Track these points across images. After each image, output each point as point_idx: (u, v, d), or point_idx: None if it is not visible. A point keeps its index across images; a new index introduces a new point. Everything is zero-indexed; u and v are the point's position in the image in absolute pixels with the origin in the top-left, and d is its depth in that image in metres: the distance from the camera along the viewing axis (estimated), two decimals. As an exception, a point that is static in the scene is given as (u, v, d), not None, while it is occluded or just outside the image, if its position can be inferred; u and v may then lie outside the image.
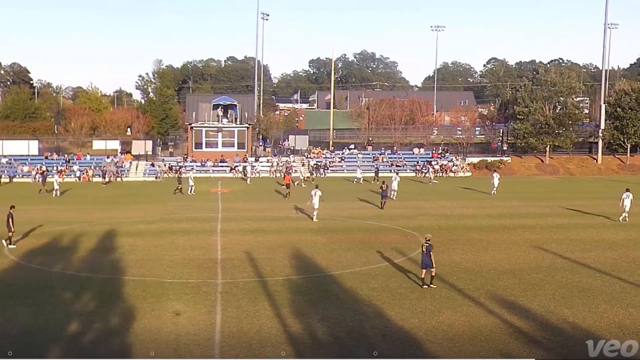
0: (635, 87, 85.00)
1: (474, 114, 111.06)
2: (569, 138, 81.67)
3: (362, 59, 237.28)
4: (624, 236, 33.47)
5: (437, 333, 17.90)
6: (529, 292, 22.11)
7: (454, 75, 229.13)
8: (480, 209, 44.54)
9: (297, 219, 39.41)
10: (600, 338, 17.25)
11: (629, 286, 23.07)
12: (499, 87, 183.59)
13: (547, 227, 36.41)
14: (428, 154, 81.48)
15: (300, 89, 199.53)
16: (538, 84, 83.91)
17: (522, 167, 78.76)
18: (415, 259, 27.15)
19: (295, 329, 18.17)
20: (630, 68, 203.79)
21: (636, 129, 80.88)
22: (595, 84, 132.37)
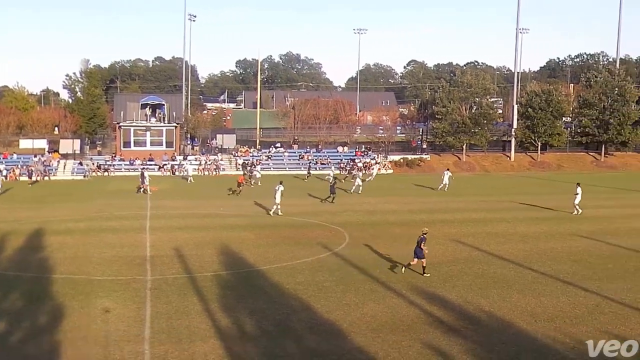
0: (545, 88, 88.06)
1: (395, 113, 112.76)
2: (484, 137, 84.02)
3: (287, 60, 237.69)
4: (535, 229, 34.97)
5: (361, 324, 18.38)
6: (447, 284, 22.94)
7: (376, 77, 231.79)
8: (402, 204, 45.59)
9: (226, 216, 39.58)
10: (513, 325, 18.32)
11: (540, 276, 24.21)
12: (419, 88, 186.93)
13: (464, 221, 37.62)
14: (352, 152, 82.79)
15: (227, 89, 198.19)
16: (455, 85, 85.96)
17: (441, 164, 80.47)
18: (339, 254, 27.95)
19: (224, 323, 18.41)
20: (540, 71, 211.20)
21: (546, 128, 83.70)
22: (508, 85, 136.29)
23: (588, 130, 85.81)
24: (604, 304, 20.56)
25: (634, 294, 21.65)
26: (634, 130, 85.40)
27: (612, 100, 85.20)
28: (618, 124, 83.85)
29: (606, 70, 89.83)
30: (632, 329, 18.21)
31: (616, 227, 35.61)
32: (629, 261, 26.98)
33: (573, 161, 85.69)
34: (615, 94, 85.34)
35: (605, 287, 22.48)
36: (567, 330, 18.01)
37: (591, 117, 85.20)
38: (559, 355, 16.35)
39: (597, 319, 19.05)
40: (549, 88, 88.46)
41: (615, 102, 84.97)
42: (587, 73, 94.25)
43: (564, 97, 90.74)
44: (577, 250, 29.24)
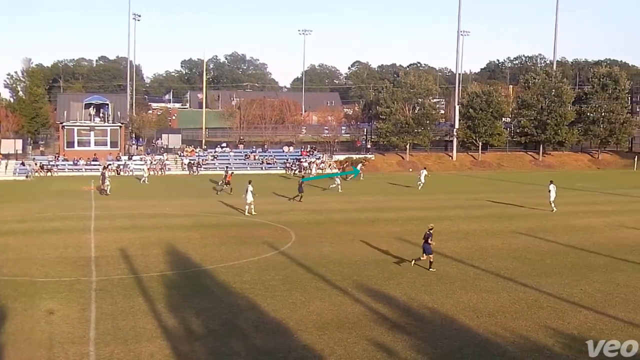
0: (485, 89, 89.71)
1: (340, 113, 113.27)
2: (427, 137, 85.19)
3: (233, 60, 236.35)
4: (476, 227, 35.66)
5: (308, 322, 18.49)
6: (392, 281, 23.21)
7: (321, 77, 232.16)
8: (347, 203, 45.93)
9: (171, 216, 39.31)
10: (455, 321, 18.68)
11: (482, 272, 24.72)
12: (363, 89, 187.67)
13: (408, 219, 38.01)
14: (297, 152, 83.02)
15: (172, 89, 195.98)
16: (398, 86, 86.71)
17: (385, 164, 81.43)
18: (286, 253, 28.07)
19: (171, 323, 18.32)
20: (481, 72, 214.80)
21: (486, 128, 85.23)
22: (450, 86, 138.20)
23: (527, 131, 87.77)
24: (543, 299, 21.10)
25: (571, 289, 22.31)
26: (570, 131, 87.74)
27: (550, 102, 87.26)
28: (555, 124, 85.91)
29: (544, 72, 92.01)
30: (569, 322, 18.75)
31: (554, 225, 36.56)
32: (566, 257, 27.75)
33: (512, 160, 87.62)
34: (553, 95, 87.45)
35: (543, 283, 23.09)
36: (507, 325, 18.42)
37: (530, 118, 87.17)
38: (500, 349, 16.69)
39: (536, 314, 19.52)
40: (489, 89, 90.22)
41: (552, 103, 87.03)
42: (526, 75, 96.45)
43: (503, 98, 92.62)
44: (517, 247, 29.94)
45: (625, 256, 27.77)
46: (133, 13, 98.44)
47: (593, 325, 18.51)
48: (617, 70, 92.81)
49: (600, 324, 18.68)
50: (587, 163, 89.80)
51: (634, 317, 19.30)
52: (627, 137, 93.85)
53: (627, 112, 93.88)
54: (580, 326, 18.47)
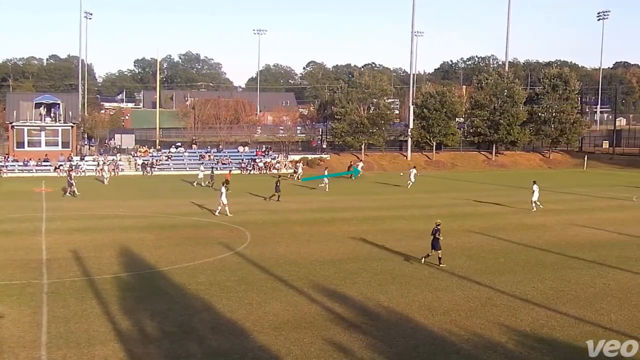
0: (439, 90, 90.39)
1: (295, 113, 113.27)
2: (381, 136, 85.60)
3: (187, 59, 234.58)
4: (431, 226, 35.29)
5: (264, 323, 18.43)
6: (347, 281, 23.27)
7: (276, 77, 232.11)
8: (303, 203, 45.93)
9: (125, 217, 38.79)
10: (411, 320, 18.80)
11: (436, 271, 24.94)
12: (318, 89, 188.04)
13: (364, 219, 38.21)
14: (252, 152, 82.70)
15: (125, 89, 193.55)
16: (353, 86, 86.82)
17: (340, 164, 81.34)
18: (241, 253, 27.94)
19: (124, 325, 18.10)
20: (435, 72, 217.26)
21: (440, 128, 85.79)
22: (405, 86, 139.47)
23: (480, 130, 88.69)
24: (496, 297, 21.39)
25: (524, 287, 22.66)
26: (522, 130, 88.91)
27: (502, 102, 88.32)
28: (507, 124, 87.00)
29: (496, 73, 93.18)
30: (522, 320, 19.04)
31: (507, 223, 37.13)
32: (519, 255, 28.18)
33: (466, 160, 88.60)
34: (505, 96, 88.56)
35: (497, 281, 23.42)
36: (462, 323, 18.62)
37: (482, 118, 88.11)
38: (455, 347, 16.86)
39: (489, 311, 19.78)
40: (443, 89, 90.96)
41: (504, 103, 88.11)
42: (479, 75, 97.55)
43: (457, 98, 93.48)
44: (470, 245, 30.29)
45: (575, 254, 28.34)
46: (85, 11, 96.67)
47: (545, 322, 18.81)
48: (567, 71, 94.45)
49: (552, 320, 18.99)
50: (539, 162, 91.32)
51: (585, 313, 19.68)
52: (577, 137, 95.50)
53: (577, 113, 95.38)
54: (532, 323, 18.75)
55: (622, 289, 22.65)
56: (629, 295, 21.75)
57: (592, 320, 19.02)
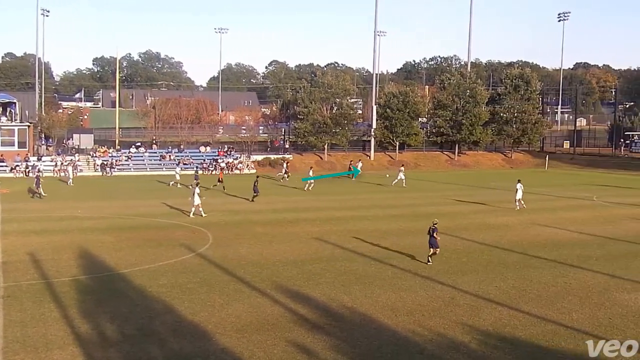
0: (402, 90, 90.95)
1: (258, 113, 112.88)
2: (344, 136, 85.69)
3: (147, 58, 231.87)
4: (394, 226, 36.01)
5: (226, 325, 18.26)
6: (311, 282, 23.17)
7: (238, 76, 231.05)
8: (265, 204, 45.59)
9: (84, 219, 38.12)
10: (374, 320, 18.75)
11: (400, 272, 24.94)
12: (281, 88, 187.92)
13: (327, 219, 38.15)
14: (214, 152, 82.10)
15: (84, 87, 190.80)
16: (316, 86, 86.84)
17: (303, 164, 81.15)
18: (203, 255, 27.68)
19: (84, 329, 17.76)
20: (398, 72, 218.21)
21: (403, 128, 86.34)
22: (368, 86, 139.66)
23: (442, 130, 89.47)
24: (459, 297, 21.46)
25: (486, 286, 22.78)
26: (484, 130, 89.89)
27: (464, 102, 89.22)
28: (470, 124, 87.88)
29: (458, 73, 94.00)
30: (484, 319, 19.12)
31: (469, 223, 37.36)
32: (482, 255, 28.36)
33: (429, 160, 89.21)
34: (467, 96, 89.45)
35: (459, 280, 23.50)
36: (425, 323, 18.62)
37: (445, 118, 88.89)
38: (418, 347, 16.86)
39: (452, 311, 19.82)
40: (406, 89, 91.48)
41: (467, 103, 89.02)
42: (441, 75, 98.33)
43: (419, 98, 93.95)
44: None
45: (537, 253, 28.61)
46: (41, 8, 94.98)
47: (508, 322, 18.91)
48: (528, 72, 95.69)
49: (515, 320, 19.09)
50: (501, 162, 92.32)
51: (547, 312, 19.83)
52: (538, 137, 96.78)
53: (539, 113, 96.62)
54: (495, 322, 18.85)
55: (583, 287, 22.88)
56: (589, 294, 21.97)
57: (553, 319, 19.15)
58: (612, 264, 26.54)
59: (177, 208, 42.14)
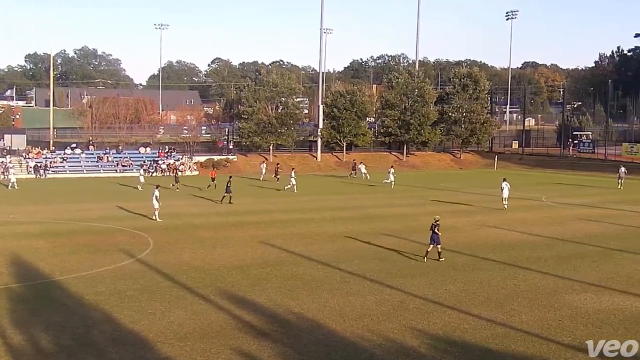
0: (349, 89, 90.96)
1: (200, 113, 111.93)
2: (290, 137, 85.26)
3: (83, 55, 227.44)
4: (342, 229, 35.66)
5: (168, 333, 17.76)
6: (256, 287, 22.71)
7: (179, 74, 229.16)
8: (208, 207, 44.94)
9: (16, 224, 36.75)
10: (322, 326, 18.41)
11: (348, 275, 24.61)
12: (224, 87, 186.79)
13: (272, 222, 37.68)
14: (155, 153, 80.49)
15: (15, 85, 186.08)
16: (261, 85, 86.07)
17: (248, 165, 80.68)
18: (143, 260, 26.97)
19: (16, 340, 17.03)
20: (345, 71, 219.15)
21: (350, 128, 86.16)
22: (314, 85, 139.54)
23: (391, 131, 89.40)
24: (409, 300, 21.22)
25: (436, 289, 22.60)
26: (433, 131, 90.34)
27: (413, 101, 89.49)
28: (418, 124, 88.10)
29: (406, 72, 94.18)
30: (434, 323, 18.92)
31: (418, 224, 36.90)
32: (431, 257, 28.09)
33: (377, 161, 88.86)
34: (415, 95, 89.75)
35: (409, 284, 23.26)
36: (374, 328, 18.37)
37: (393, 118, 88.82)
38: (367, 352, 16.63)
39: (402, 315, 19.59)
40: (353, 89, 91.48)
41: (415, 102, 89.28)
42: (389, 74, 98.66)
43: (367, 97, 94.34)
44: (382, 248, 30.07)
45: (487, 255, 28.63)
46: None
47: (458, 325, 18.76)
48: (477, 71, 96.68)
49: (465, 323, 18.97)
50: (450, 163, 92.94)
51: (496, 315, 19.75)
52: (487, 137, 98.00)
53: (487, 113, 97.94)
54: (445, 326, 18.69)
55: (532, 289, 22.89)
56: (538, 296, 21.98)
57: (503, 322, 19.08)
58: (561, 265, 26.72)
59: (128, 210, 41.49)
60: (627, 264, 27.20)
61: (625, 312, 20.20)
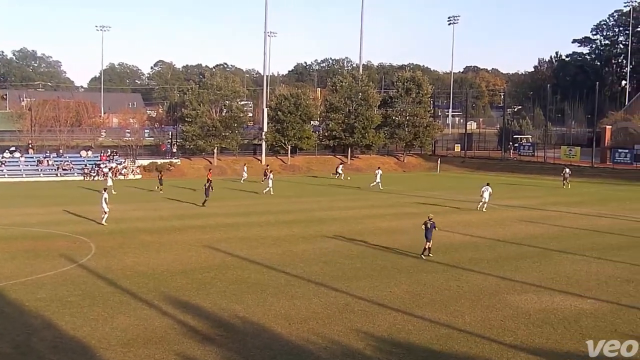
0: (294, 92, 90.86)
1: (143, 116, 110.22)
2: (235, 140, 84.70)
3: (22, 56, 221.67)
4: (287, 232, 35.59)
5: (111, 339, 17.46)
6: (201, 291, 22.50)
7: (122, 77, 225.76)
8: (152, 211, 44.33)
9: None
10: (268, 329, 18.33)
11: (293, 279, 24.57)
12: (167, 90, 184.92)
13: (217, 226, 37.36)
14: (96, 156, 79.06)
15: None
16: (205, 88, 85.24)
17: (192, 168, 79.99)
18: (85, 265, 26.41)
19: (-50, 351, 16.44)
20: (289, 74, 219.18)
21: (295, 131, 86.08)
22: (258, 88, 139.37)
23: (335, 134, 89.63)
24: (354, 303, 21.26)
25: (380, 291, 22.70)
26: (377, 134, 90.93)
27: (357, 105, 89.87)
28: (362, 127, 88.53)
29: (350, 76, 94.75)
30: (379, 325, 18.99)
31: (363, 227, 37.36)
32: (375, 260, 28.30)
33: (322, 164, 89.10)
34: (360, 99, 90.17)
35: (354, 286, 23.31)
36: (319, 331, 18.37)
37: (338, 121, 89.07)
38: (313, 355, 16.62)
39: (347, 318, 19.61)
40: (298, 92, 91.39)
41: (359, 106, 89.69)
42: (333, 78, 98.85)
43: (311, 101, 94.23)
44: (327, 251, 30.12)
45: (430, 257, 28.74)
46: None
47: (402, 327, 18.88)
48: (420, 75, 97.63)
49: (409, 324, 19.10)
50: (394, 166, 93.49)
51: (440, 316, 19.95)
52: (430, 140, 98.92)
53: (430, 116, 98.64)
54: (390, 328, 18.78)
55: (474, 290, 23.17)
56: (481, 297, 22.28)
57: (447, 323, 19.27)
58: (503, 266, 27.16)
59: (72, 214, 40.72)
60: (566, 264, 27.81)
61: (564, 311, 20.64)
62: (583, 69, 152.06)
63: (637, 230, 37.12)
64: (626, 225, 39.21)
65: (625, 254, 29.88)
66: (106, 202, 37.49)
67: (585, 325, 19.18)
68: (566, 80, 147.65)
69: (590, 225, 39.08)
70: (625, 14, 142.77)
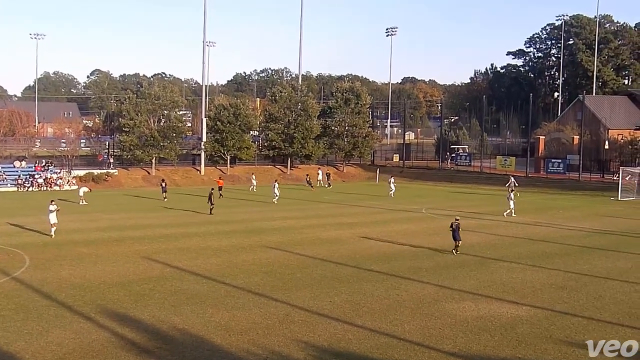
0: (233, 102, 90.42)
1: (79, 125, 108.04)
2: (173, 150, 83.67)
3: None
4: (226, 243, 35.35)
5: (46, 354, 17.06)
6: (139, 303, 22.18)
7: (57, 86, 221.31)
8: (88, 222, 43.44)
9: None
10: (207, 341, 18.18)
11: (233, 289, 24.41)
12: (104, 99, 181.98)
13: (156, 237, 36.88)
14: (31, 166, 77.06)
15: None
16: (142, 97, 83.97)
17: (130, 179, 78.75)
18: (19, 278, 25.74)
19: None
20: (228, 84, 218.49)
21: (235, 141, 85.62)
22: (197, 98, 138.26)
23: (275, 144, 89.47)
24: (294, 313, 21.25)
25: (321, 301, 22.73)
26: (316, 144, 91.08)
27: (296, 115, 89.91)
28: (302, 137, 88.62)
29: (290, 86, 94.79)
30: (319, 335, 19.03)
31: (303, 237, 37.38)
32: (315, 270, 28.33)
33: (262, 174, 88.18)
34: (299, 109, 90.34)
35: (294, 297, 23.31)
36: (260, 342, 18.28)
37: (277, 131, 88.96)
38: (253, 366, 16.46)
39: (288, 328, 19.59)
40: (237, 102, 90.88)
41: (299, 116, 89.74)
42: (273, 88, 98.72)
43: (251, 111, 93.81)
44: (267, 261, 30.03)
45: (370, 266, 29.01)
46: None
47: (342, 336, 18.93)
48: (358, 86, 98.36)
49: (349, 334, 19.16)
50: (333, 176, 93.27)
51: (380, 325, 20.06)
52: (369, 150, 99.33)
53: (369, 127, 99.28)
54: (330, 338, 18.81)
55: (413, 299, 23.39)
56: (420, 305, 22.50)
57: (387, 332, 19.40)
58: (441, 275, 27.47)
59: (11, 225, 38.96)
60: (502, 272, 28.33)
61: (501, 318, 21.00)
62: (517, 81, 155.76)
63: (570, 238, 38.12)
64: (560, 234, 40.21)
65: (559, 261, 30.65)
66: (55, 214, 36.59)
67: (522, 331, 19.53)
68: (501, 91, 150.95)
69: (526, 234, 39.93)
70: (557, 28, 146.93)
